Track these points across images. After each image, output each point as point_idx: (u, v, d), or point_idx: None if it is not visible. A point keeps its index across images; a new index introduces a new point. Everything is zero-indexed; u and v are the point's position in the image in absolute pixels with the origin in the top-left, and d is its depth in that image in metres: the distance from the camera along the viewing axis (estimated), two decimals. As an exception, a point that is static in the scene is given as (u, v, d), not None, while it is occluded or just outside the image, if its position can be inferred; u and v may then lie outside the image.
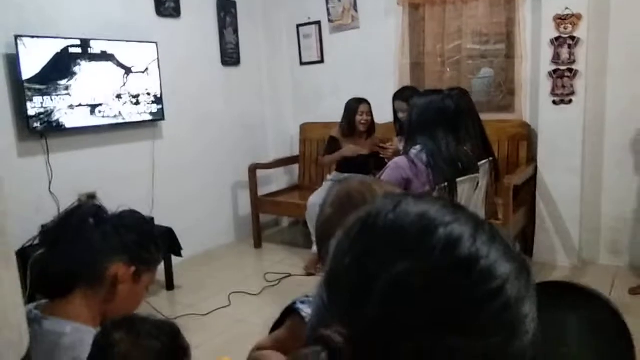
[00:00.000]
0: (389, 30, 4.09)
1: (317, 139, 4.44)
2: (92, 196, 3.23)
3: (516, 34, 3.68)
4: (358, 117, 3.68)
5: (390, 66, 4.11)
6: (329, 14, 4.43)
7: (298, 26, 4.58)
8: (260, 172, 4.25)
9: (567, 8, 3.31)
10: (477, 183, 2.37)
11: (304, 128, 4.63)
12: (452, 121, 2.19)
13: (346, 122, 3.72)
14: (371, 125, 3.75)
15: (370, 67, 4.21)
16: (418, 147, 2.15)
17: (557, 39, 3.37)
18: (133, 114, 3.50)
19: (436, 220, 0.46)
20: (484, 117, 3.19)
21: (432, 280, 0.43)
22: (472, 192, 2.33)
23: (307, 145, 4.60)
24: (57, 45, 3.07)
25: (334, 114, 3.90)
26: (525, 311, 0.45)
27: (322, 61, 4.53)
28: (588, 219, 3.50)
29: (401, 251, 0.45)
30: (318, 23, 4.48)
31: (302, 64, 4.64)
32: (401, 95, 3.37)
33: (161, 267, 3.03)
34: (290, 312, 0.99)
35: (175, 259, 3.43)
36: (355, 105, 3.70)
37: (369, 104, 3.71)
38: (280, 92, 4.74)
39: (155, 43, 3.59)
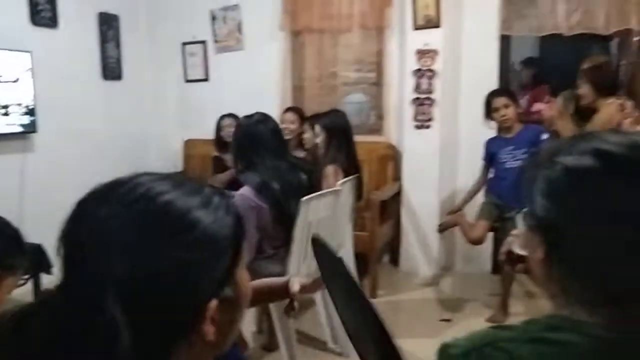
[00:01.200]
0: (272, 53, 4.31)
1: (201, 155, 4.51)
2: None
3: (385, 65, 4.08)
4: (225, 132, 3.82)
5: (273, 88, 4.33)
6: (214, 35, 4.56)
7: (184, 44, 4.66)
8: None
9: (426, 44, 3.75)
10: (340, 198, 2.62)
11: (188, 144, 4.68)
12: (276, 143, 2.37)
13: (216, 138, 3.86)
14: None
15: (254, 87, 4.39)
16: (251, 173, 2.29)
17: (418, 70, 3.80)
18: (1, 125, 3.35)
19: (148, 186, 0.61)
20: (357, 139, 3.50)
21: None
22: (331, 207, 2.53)
23: (190, 162, 4.65)
24: None
25: (218, 131, 4.02)
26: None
27: (207, 79, 4.64)
28: (445, 231, 3.92)
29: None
30: (204, 42, 4.59)
31: (187, 81, 4.71)
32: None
33: (29, 286, 2.91)
34: None
35: (45, 277, 3.30)
36: (220, 121, 3.86)
37: (234, 117, 3.82)
38: (164, 108, 4.76)
39: (29, 52, 3.48)
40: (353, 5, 4.06)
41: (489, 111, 3.25)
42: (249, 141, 2.35)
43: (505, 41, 3.73)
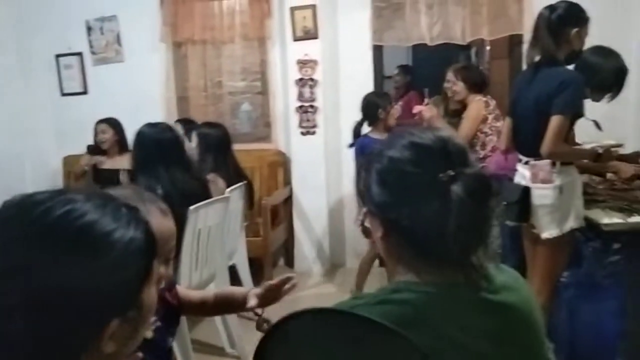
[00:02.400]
0: (154, 64, 4.26)
1: (82, 170, 4.31)
2: None
3: (269, 74, 4.21)
4: (99, 138, 3.72)
5: (157, 99, 4.28)
6: (91, 46, 4.40)
7: (57, 56, 4.44)
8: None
9: (306, 54, 3.94)
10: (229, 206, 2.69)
11: (68, 160, 4.46)
12: (174, 152, 2.42)
13: (94, 144, 3.75)
14: (116, 143, 3.72)
15: (136, 99, 4.29)
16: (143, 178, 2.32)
17: (300, 80, 3.97)
18: None
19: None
20: (246, 147, 3.60)
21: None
22: (220, 214, 2.60)
23: (71, 178, 4.43)
24: None
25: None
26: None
27: (85, 92, 4.46)
28: (335, 230, 4.14)
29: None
30: (80, 54, 4.42)
31: (63, 94, 4.49)
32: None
33: None
34: None
35: None
36: (96, 127, 3.73)
37: (106, 123, 3.71)
38: (39, 124, 4.49)
39: None
40: (234, 16, 4.15)
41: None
42: (148, 148, 2.37)
43: (377, 51, 4.01)
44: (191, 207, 2.30)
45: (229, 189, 2.75)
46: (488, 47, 4.61)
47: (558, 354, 2.59)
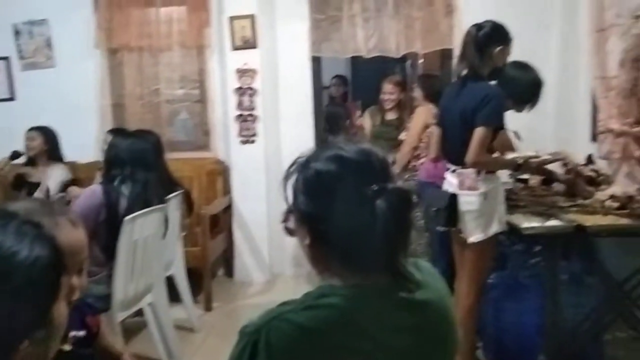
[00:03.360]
0: (88, 71, 4.14)
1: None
2: None
3: (208, 83, 4.19)
4: (27, 145, 3.58)
5: (91, 106, 4.15)
6: (19, 50, 4.22)
7: (-19, 61, 4.22)
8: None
9: (245, 63, 3.96)
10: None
11: (-6, 170, 4.23)
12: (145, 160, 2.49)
13: (19, 151, 3.59)
14: (45, 153, 3.60)
15: (70, 106, 4.14)
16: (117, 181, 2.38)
17: (239, 88, 3.99)
18: None
19: None
20: (184, 155, 3.58)
21: None
22: (157, 225, 2.58)
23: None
24: None
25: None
26: None
27: (12, 99, 4.27)
28: (275, 239, 4.15)
29: None
30: (6, 59, 4.23)
31: (-12, 100, 4.27)
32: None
33: None
34: None
35: None
36: (26, 134, 3.60)
37: (37, 131, 3.58)
38: (-39, 132, 4.24)
39: None
40: (172, 24, 4.11)
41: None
42: (117, 155, 2.50)
43: (316, 62, 4.10)
44: (127, 218, 2.27)
45: (165, 198, 2.72)
46: (421, 60, 4.81)
47: (486, 351, 2.75)
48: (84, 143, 3.84)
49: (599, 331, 2.50)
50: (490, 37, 2.23)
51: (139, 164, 2.52)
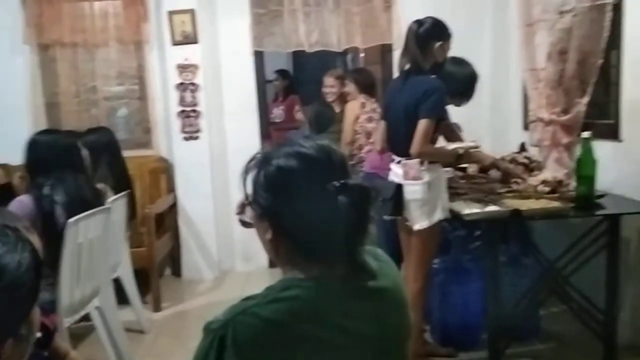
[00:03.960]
0: (16, 68, 3.94)
1: None
2: None
3: (147, 79, 4.09)
4: None
5: (22, 106, 3.96)
6: (-62, 47, 3.95)
7: None
8: None
9: (186, 59, 3.89)
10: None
11: None
12: (75, 160, 2.38)
13: None
14: None
15: (-1, 106, 3.94)
16: (47, 187, 2.26)
17: (181, 84, 3.92)
18: None
19: None
20: (126, 154, 3.45)
21: None
22: (102, 226, 2.51)
23: None
24: None
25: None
26: None
27: None
28: (223, 236, 4.13)
29: None
30: None
31: None
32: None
33: None
34: None
35: None
36: None
37: None
38: None
39: None
40: (107, 18, 3.98)
41: None
42: (44, 155, 2.32)
43: (258, 56, 4.09)
44: (70, 220, 2.20)
45: (110, 199, 2.65)
46: (362, 54, 4.90)
47: (433, 334, 2.88)
48: (14, 144, 3.62)
49: (536, 307, 2.67)
50: (430, 33, 2.32)
51: (65, 165, 2.34)
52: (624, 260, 2.50)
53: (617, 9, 2.54)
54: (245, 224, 1.04)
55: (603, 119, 2.73)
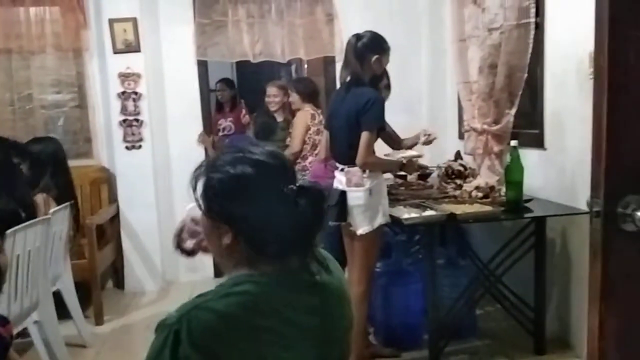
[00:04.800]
0: (-56, 75, 3.76)
1: None
2: None
3: (87, 87, 4.00)
4: None
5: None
6: None
7: None
8: None
9: (128, 67, 3.85)
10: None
11: None
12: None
13: None
14: None
15: None
16: None
17: (123, 93, 3.86)
18: None
19: None
20: (65, 163, 3.38)
21: None
22: (42, 238, 2.44)
23: None
24: None
25: None
26: None
27: None
28: (167, 246, 4.05)
29: None
30: None
31: None
32: None
33: None
34: None
35: None
36: None
37: None
38: None
39: None
40: (44, 25, 3.87)
41: None
42: None
43: (202, 65, 4.09)
44: (8, 231, 2.13)
45: (51, 210, 2.58)
46: (306, 65, 5.00)
47: (377, 336, 2.98)
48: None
49: (472, 306, 2.83)
50: (368, 46, 2.43)
51: None
52: (550, 259, 2.71)
53: (539, 27, 2.76)
54: (187, 252, 1.07)
55: (530, 128, 2.95)
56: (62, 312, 2.90)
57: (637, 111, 1.05)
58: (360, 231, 2.41)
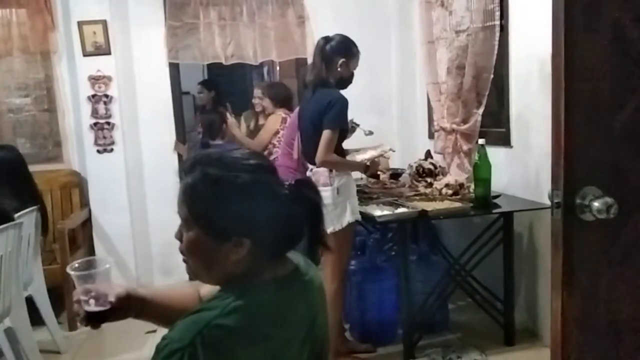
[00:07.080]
0: None
1: None
2: None
3: (56, 90, 3.94)
4: None
5: None
6: None
7: None
8: None
9: (99, 70, 3.81)
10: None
11: None
12: None
13: None
14: None
15: None
16: None
17: (93, 96, 3.82)
18: None
19: None
20: (34, 168, 3.31)
21: None
22: (12, 243, 2.41)
23: None
24: None
25: None
26: None
27: None
28: (141, 250, 4.05)
29: None
30: None
31: None
32: None
33: None
34: None
35: None
36: None
37: None
38: None
39: None
40: (10, 27, 3.80)
41: None
42: None
43: (174, 68, 4.08)
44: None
45: (17, 214, 2.54)
46: (278, 67, 5.03)
47: (352, 332, 3.03)
48: None
49: (444, 301, 2.90)
50: (335, 50, 2.48)
51: None
52: (517, 252, 2.80)
53: (504, 29, 2.86)
54: (90, 318, 1.05)
55: (496, 127, 3.04)
56: (35, 318, 2.86)
57: (592, 108, 1.12)
58: (330, 229, 2.45)
